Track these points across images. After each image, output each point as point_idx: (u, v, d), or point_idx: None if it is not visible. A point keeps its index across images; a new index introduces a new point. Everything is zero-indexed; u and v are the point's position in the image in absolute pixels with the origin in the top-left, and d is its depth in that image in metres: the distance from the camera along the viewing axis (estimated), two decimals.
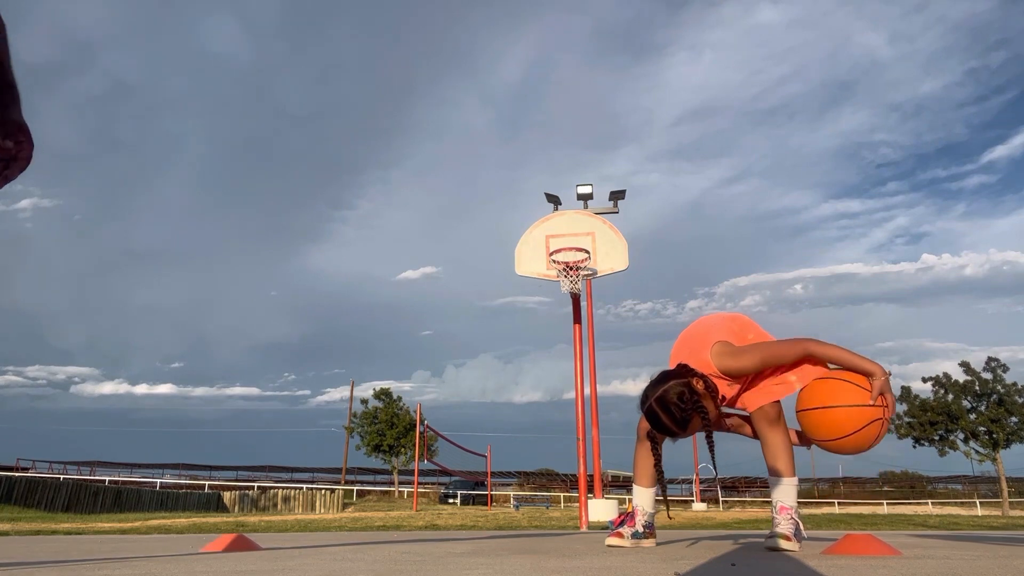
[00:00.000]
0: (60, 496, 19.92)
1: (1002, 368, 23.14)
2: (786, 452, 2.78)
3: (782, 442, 2.79)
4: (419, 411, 20.41)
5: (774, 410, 2.80)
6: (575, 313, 8.02)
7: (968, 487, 43.93)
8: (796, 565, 1.97)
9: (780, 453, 2.77)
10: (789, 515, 2.69)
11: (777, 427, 2.80)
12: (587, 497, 7.90)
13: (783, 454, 2.77)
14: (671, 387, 2.54)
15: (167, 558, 2.55)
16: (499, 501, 36.19)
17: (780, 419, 2.81)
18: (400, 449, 32.06)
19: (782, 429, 2.81)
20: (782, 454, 2.77)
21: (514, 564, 2.03)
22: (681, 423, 2.54)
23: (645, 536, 2.88)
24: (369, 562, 2.20)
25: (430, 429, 22.42)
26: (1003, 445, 22.98)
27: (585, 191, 8.60)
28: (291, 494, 28.78)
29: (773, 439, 2.79)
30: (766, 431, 2.80)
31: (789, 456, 2.79)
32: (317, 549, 3.11)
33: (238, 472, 47.35)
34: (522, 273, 7.79)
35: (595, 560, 2.16)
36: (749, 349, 2.71)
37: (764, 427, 2.81)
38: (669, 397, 2.53)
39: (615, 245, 7.68)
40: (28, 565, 2.27)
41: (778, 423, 2.80)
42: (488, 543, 3.53)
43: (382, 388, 33.44)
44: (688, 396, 2.53)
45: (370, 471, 44.27)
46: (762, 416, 2.80)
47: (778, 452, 2.77)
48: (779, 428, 2.80)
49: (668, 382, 2.56)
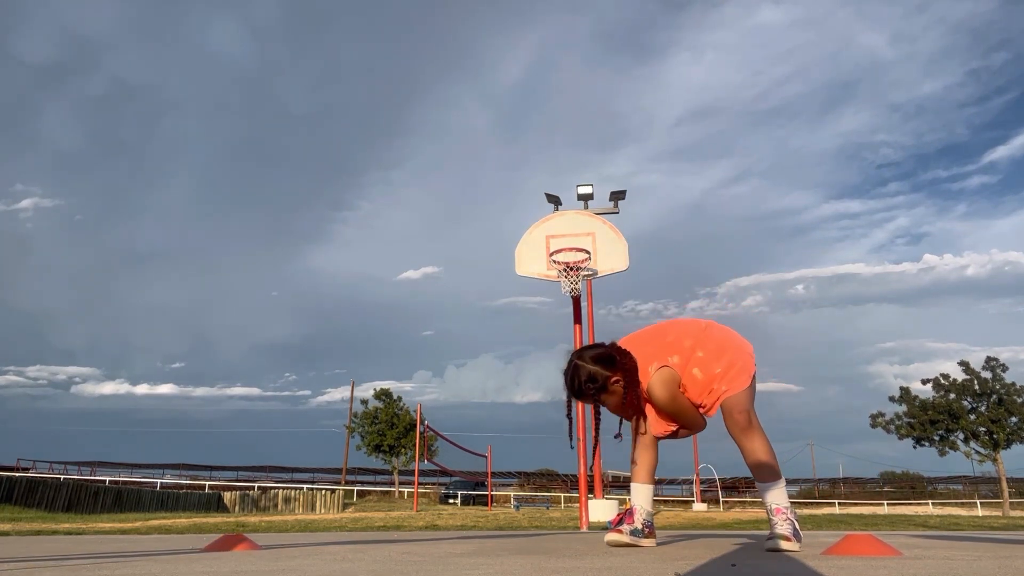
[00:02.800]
0: (60, 496, 19.92)
1: (1001, 368, 23.13)
2: (768, 455, 2.77)
3: (761, 446, 2.77)
4: (419, 411, 20.41)
5: (743, 418, 2.80)
6: (575, 313, 8.02)
7: (968, 487, 43.91)
8: (796, 565, 1.97)
9: (762, 457, 2.76)
10: (785, 516, 2.69)
11: (751, 433, 2.79)
12: (587, 497, 7.89)
13: (765, 457, 2.76)
14: (594, 369, 2.75)
15: (167, 558, 2.55)
16: (499, 501, 36.18)
17: (752, 424, 2.80)
18: (400, 449, 32.06)
19: (757, 433, 2.79)
20: (764, 457, 2.76)
21: (514, 564, 2.03)
22: (575, 393, 2.80)
23: (644, 534, 2.87)
24: (369, 562, 2.20)
25: (430, 429, 22.41)
26: (1003, 445, 22.94)
27: (585, 191, 8.59)
28: (291, 494, 28.77)
29: (750, 445, 2.78)
30: (741, 439, 2.80)
31: (772, 457, 2.78)
32: (317, 549, 3.11)
33: (238, 472, 47.38)
34: (522, 273, 7.79)
35: (596, 560, 2.16)
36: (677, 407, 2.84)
37: (738, 435, 2.80)
38: (583, 371, 2.76)
39: (616, 245, 7.68)
40: (28, 565, 2.27)
41: (751, 428, 2.79)
42: (488, 543, 3.53)
43: (382, 388, 33.47)
44: (597, 384, 2.74)
45: (370, 471, 44.29)
46: (734, 426, 2.80)
47: (760, 456, 2.76)
48: (753, 433, 2.79)
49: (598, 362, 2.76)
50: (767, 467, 2.75)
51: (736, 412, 2.79)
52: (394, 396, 33.40)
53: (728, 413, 2.81)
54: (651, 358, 2.82)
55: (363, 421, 32.86)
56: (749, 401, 2.84)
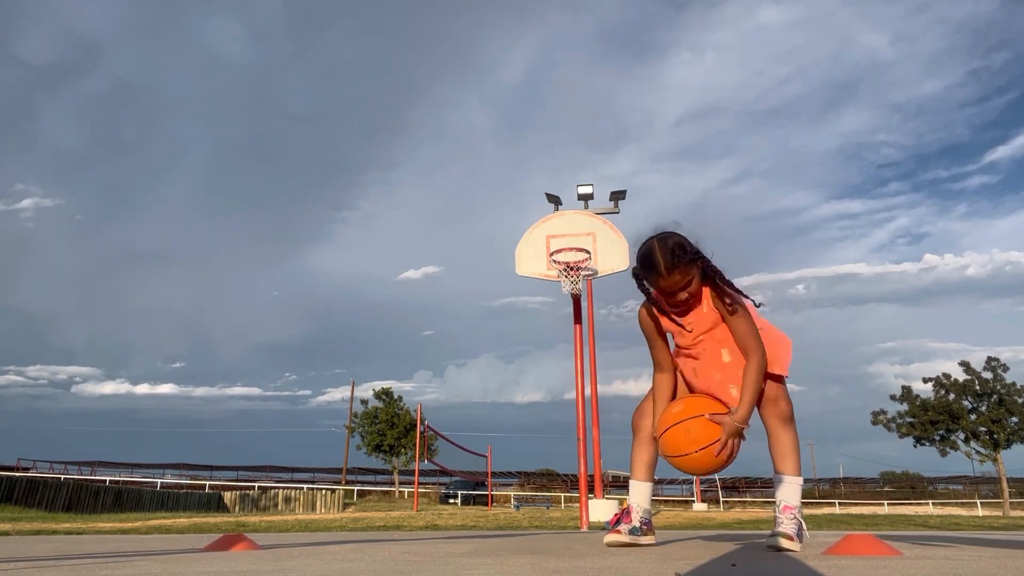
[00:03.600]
0: (61, 496, 19.92)
1: (1002, 368, 23.13)
2: (795, 451, 2.78)
3: (792, 441, 2.78)
4: (419, 411, 20.41)
5: (788, 408, 2.80)
6: (575, 313, 8.02)
7: (969, 487, 43.91)
8: (796, 565, 1.97)
9: (789, 452, 2.77)
10: (792, 515, 2.69)
11: (790, 426, 2.80)
12: (588, 497, 7.90)
13: (792, 453, 2.77)
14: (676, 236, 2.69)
15: (167, 558, 2.55)
16: (499, 501, 36.18)
17: (792, 418, 2.82)
18: (400, 449, 32.08)
19: (793, 428, 2.81)
20: (791, 453, 2.77)
21: (514, 564, 2.03)
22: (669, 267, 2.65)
23: (643, 532, 2.86)
24: (369, 562, 2.20)
25: (430, 429, 22.42)
26: (1004, 445, 22.95)
27: (586, 191, 8.60)
28: (292, 494, 28.79)
29: (784, 437, 2.78)
30: (778, 429, 2.79)
31: (797, 455, 2.79)
32: (317, 549, 3.11)
33: (239, 472, 47.40)
34: (522, 273, 7.79)
35: (596, 560, 2.16)
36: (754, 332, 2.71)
37: (777, 424, 2.80)
38: (668, 242, 2.67)
39: (616, 245, 7.68)
40: (28, 565, 2.27)
41: (790, 422, 2.80)
42: (488, 543, 3.53)
43: (383, 388, 33.49)
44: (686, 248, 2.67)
45: (370, 471, 44.32)
46: (776, 413, 2.79)
47: (787, 451, 2.77)
48: (791, 427, 2.80)
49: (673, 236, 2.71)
50: (791, 462, 2.76)
51: (783, 400, 2.79)
52: (394, 396, 33.43)
53: (774, 399, 2.78)
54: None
55: (363, 421, 32.88)
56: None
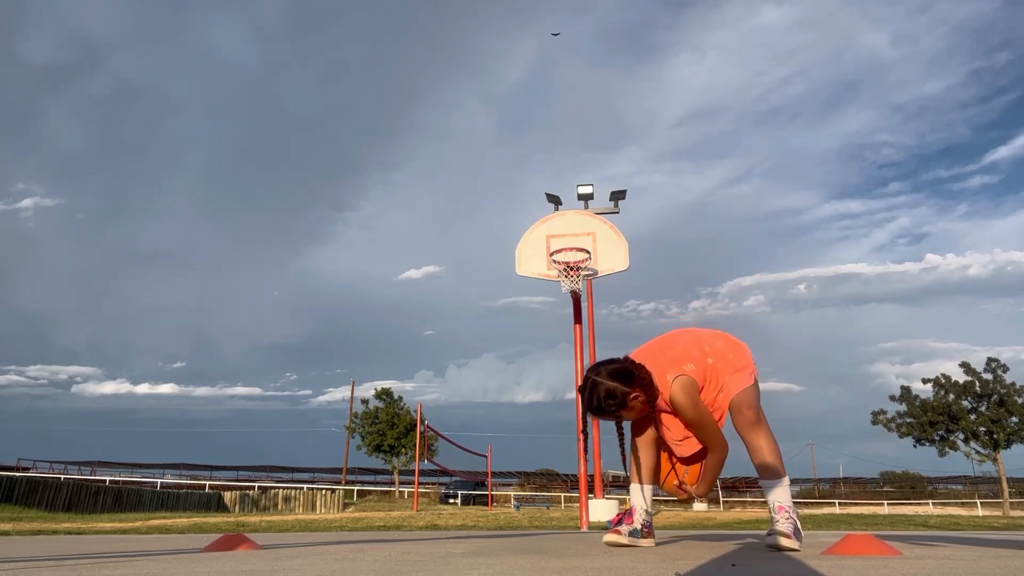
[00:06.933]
0: (61, 496, 19.91)
1: (1002, 368, 23.13)
2: (774, 451, 2.78)
3: (766, 445, 2.78)
4: (419, 411, 20.41)
5: (752, 413, 2.80)
6: (575, 313, 8.02)
7: (969, 487, 43.88)
8: (796, 565, 1.97)
9: (768, 454, 2.76)
10: (787, 514, 2.69)
11: (759, 428, 2.79)
12: (588, 497, 7.89)
13: (771, 454, 2.76)
14: (613, 385, 2.68)
15: (167, 558, 2.55)
16: (500, 501, 36.18)
17: (760, 420, 2.81)
18: (401, 449, 32.07)
19: (765, 430, 2.80)
20: (770, 454, 2.76)
21: (514, 564, 2.03)
22: (593, 410, 2.72)
23: (643, 535, 2.87)
24: (369, 562, 2.20)
25: (431, 429, 22.41)
26: (1003, 445, 22.94)
27: (586, 191, 8.59)
28: (292, 494, 28.78)
29: (758, 443, 2.78)
30: (749, 436, 2.79)
31: (778, 455, 2.78)
32: (317, 549, 3.11)
33: (239, 472, 47.36)
34: (523, 273, 7.79)
35: (596, 560, 2.16)
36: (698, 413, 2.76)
37: (747, 433, 2.80)
38: (601, 388, 2.68)
39: (616, 245, 7.68)
40: (28, 565, 2.27)
41: (758, 425, 2.80)
42: (489, 543, 3.53)
43: (383, 388, 33.47)
44: (616, 400, 2.67)
45: (371, 471, 44.29)
46: (743, 423, 2.80)
47: (765, 453, 2.76)
48: (761, 430, 2.80)
49: (616, 378, 2.69)
50: (772, 465, 2.75)
51: (745, 408, 2.80)
52: (395, 396, 33.43)
53: (737, 409, 2.81)
54: (666, 368, 2.81)
55: (363, 421, 32.87)
56: (757, 398, 2.87)
